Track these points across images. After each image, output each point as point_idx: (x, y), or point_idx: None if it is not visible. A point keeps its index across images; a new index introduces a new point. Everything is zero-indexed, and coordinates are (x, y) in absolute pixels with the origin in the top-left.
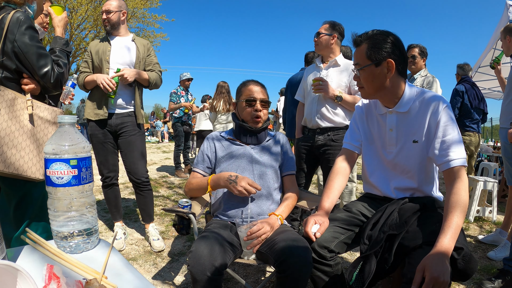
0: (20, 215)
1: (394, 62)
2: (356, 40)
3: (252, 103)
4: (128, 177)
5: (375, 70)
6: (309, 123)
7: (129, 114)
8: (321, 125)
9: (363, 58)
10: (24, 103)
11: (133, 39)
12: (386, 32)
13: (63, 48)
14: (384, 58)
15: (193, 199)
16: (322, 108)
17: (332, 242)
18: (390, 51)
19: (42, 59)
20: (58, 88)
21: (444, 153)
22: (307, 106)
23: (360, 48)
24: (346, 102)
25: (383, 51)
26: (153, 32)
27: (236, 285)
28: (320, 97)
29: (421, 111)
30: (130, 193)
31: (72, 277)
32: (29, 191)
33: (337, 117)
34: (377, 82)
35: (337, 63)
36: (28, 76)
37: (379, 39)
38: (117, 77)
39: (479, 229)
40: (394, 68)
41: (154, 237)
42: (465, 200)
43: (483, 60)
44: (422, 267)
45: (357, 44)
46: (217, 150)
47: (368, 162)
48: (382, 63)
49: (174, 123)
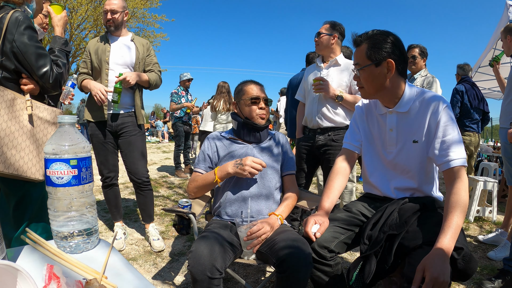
0: (20, 215)
1: (394, 62)
2: (356, 40)
3: (256, 101)
4: (129, 177)
5: (375, 70)
6: (310, 123)
7: (129, 115)
8: (321, 125)
9: (363, 58)
10: (23, 103)
11: (132, 39)
12: (386, 32)
13: (62, 48)
14: (384, 58)
15: (194, 199)
16: (322, 108)
17: (332, 242)
18: (390, 51)
19: (41, 59)
20: (57, 88)
21: (444, 153)
22: (308, 106)
23: (360, 48)
24: (346, 102)
25: (383, 51)
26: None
27: (236, 285)
28: (321, 97)
29: (421, 111)
30: (130, 193)
31: (72, 277)
32: (29, 191)
33: (337, 117)
34: (377, 82)
35: (338, 62)
36: (27, 76)
37: (379, 39)
38: (119, 82)
39: (479, 229)
40: (394, 68)
41: (154, 237)
42: (465, 200)
43: (483, 60)
44: (422, 267)
45: (357, 44)
46: (218, 149)
47: (368, 162)
48: (382, 63)
49: (174, 123)
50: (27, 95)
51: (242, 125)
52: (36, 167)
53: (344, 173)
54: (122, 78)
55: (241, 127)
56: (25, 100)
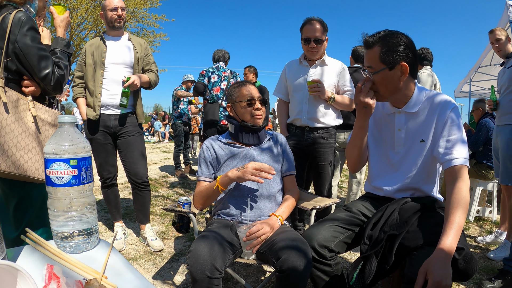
0: (20, 216)
1: (407, 65)
2: (368, 41)
3: (252, 102)
4: (128, 177)
5: (388, 73)
6: (298, 122)
7: (128, 115)
8: (312, 125)
9: (377, 62)
10: (26, 104)
11: (129, 38)
12: (398, 33)
13: (64, 49)
14: (398, 62)
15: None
16: (315, 109)
17: (332, 241)
18: (404, 54)
19: (43, 61)
20: (58, 90)
21: (447, 151)
22: (296, 105)
23: (373, 51)
24: (337, 103)
25: (397, 54)
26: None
27: (236, 285)
28: (311, 97)
29: (429, 112)
30: (130, 193)
31: (72, 277)
32: (29, 192)
33: (328, 117)
34: (391, 86)
35: (325, 62)
36: (28, 78)
37: (393, 42)
38: (128, 86)
39: (479, 229)
40: (408, 71)
41: (152, 237)
42: (466, 199)
43: (483, 60)
44: (425, 270)
45: (369, 46)
46: (218, 154)
47: (375, 163)
48: (395, 67)
49: (174, 123)
50: (29, 96)
51: (239, 128)
52: (43, 168)
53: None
54: (131, 82)
55: (238, 130)
56: (28, 101)
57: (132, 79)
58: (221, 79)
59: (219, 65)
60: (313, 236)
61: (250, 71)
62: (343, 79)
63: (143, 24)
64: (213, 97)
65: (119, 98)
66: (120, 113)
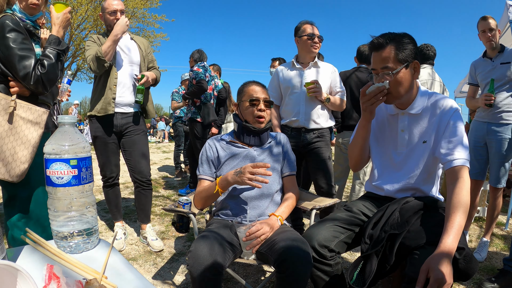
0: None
1: (419, 63)
2: (379, 42)
3: (255, 103)
4: (132, 176)
5: (405, 72)
6: (295, 123)
7: (134, 114)
8: (308, 126)
9: (394, 61)
10: (8, 103)
11: (131, 38)
12: (403, 33)
13: (53, 47)
14: (411, 60)
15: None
16: (311, 110)
17: (332, 241)
18: (414, 52)
19: (22, 61)
20: (41, 89)
21: (449, 152)
22: (290, 107)
23: (386, 51)
24: (332, 104)
25: (409, 52)
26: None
27: (236, 285)
28: (308, 99)
29: (432, 114)
30: (130, 193)
31: (72, 277)
32: (16, 192)
33: (323, 118)
34: (406, 85)
35: (317, 64)
36: (12, 78)
37: (403, 41)
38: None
39: (479, 229)
40: (419, 68)
41: (153, 237)
42: (467, 200)
43: None
44: (426, 268)
45: (380, 47)
46: (219, 153)
47: (378, 164)
48: (410, 65)
49: (174, 123)
50: (13, 96)
51: (242, 128)
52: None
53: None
54: (145, 79)
55: (241, 129)
56: (10, 100)
57: (145, 77)
58: (213, 78)
59: (205, 64)
60: (313, 236)
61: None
62: (335, 81)
63: (143, 24)
64: (207, 96)
65: (127, 97)
66: (133, 110)
